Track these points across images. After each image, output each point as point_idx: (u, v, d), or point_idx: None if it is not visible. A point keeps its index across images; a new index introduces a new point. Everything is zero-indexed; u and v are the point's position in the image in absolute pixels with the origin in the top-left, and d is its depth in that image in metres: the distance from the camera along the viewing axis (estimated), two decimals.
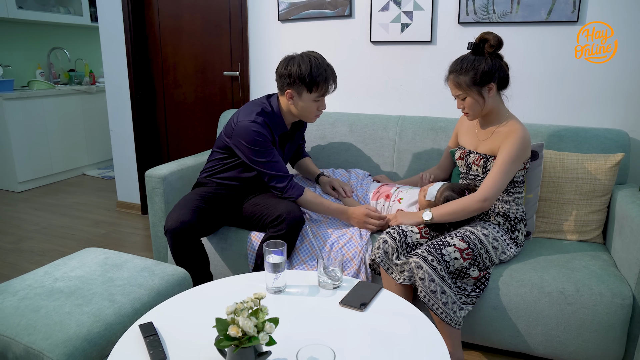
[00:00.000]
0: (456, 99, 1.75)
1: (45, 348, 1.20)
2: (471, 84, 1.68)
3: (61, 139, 4.36)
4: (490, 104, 1.73)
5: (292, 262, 1.90)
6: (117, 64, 3.22)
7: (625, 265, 1.64)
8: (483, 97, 1.70)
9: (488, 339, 1.75)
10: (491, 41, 1.67)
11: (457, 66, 1.70)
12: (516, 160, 1.68)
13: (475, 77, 1.67)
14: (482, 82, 1.68)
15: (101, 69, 4.99)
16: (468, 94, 1.70)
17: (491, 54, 1.69)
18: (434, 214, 1.74)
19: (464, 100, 1.72)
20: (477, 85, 1.68)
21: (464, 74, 1.68)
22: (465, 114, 1.78)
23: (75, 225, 3.24)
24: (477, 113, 1.75)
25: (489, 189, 1.67)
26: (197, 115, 3.14)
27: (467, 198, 1.71)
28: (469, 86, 1.68)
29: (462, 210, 1.71)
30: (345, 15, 2.51)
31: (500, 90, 1.74)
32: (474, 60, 1.68)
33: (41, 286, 1.46)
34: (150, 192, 2.22)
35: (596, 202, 1.90)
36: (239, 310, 0.99)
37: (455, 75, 1.70)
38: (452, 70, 1.73)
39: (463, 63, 1.69)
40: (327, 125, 2.47)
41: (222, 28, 2.89)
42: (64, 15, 4.65)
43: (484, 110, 1.74)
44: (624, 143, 1.98)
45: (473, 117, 1.77)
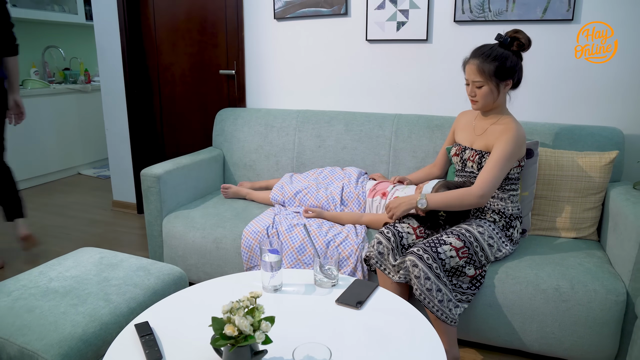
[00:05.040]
0: (470, 85, 1.72)
1: (40, 349, 1.19)
2: (493, 74, 1.66)
3: (56, 138, 4.34)
4: (500, 99, 1.73)
5: (287, 260, 1.91)
6: (112, 62, 3.20)
7: (619, 262, 1.65)
8: (499, 91, 1.70)
9: (484, 336, 1.75)
10: (522, 40, 1.67)
11: (485, 53, 1.67)
12: (510, 157, 1.68)
13: (500, 69, 1.66)
14: (504, 76, 1.67)
15: (96, 68, 4.96)
16: (487, 83, 1.68)
17: (516, 52, 1.69)
18: (429, 200, 1.70)
19: (479, 88, 1.70)
20: (497, 77, 1.67)
21: (491, 62, 1.65)
22: (473, 102, 1.75)
23: (71, 225, 3.23)
24: (488, 104, 1.74)
25: (484, 184, 1.66)
26: (193, 114, 3.13)
27: (464, 190, 1.69)
28: (490, 76, 1.66)
29: (458, 200, 1.69)
30: (341, 13, 2.50)
31: (512, 89, 1.74)
32: (502, 52, 1.66)
33: (36, 286, 1.45)
34: (146, 191, 2.22)
35: (591, 199, 1.91)
36: (235, 309, 0.99)
37: (481, 61, 1.66)
38: (477, 55, 1.69)
39: (492, 51, 1.67)
40: (324, 123, 2.47)
41: (217, 26, 2.88)
42: (59, 14, 4.62)
43: (494, 104, 1.74)
44: (618, 141, 1.99)
45: (480, 107, 1.76)
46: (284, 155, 2.54)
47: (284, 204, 2.22)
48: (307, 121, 2.51)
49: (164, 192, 2.21)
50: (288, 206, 2.20)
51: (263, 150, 2.57)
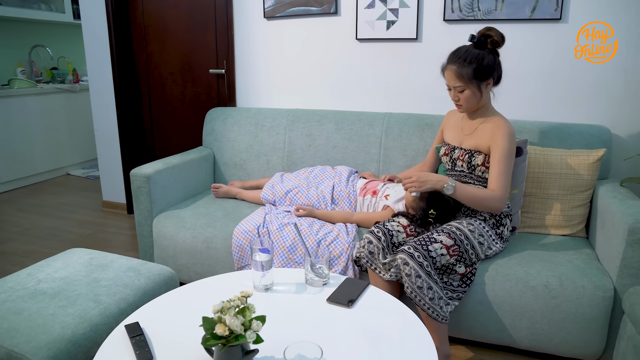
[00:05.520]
0: (452, 90, 1.72)
1: (28, 351, 1.18)
2: (472, 77, 1.66)
3: (44, 139, 4.29)
4: (484, 98, 1.74)
5: (278, 260, 1.90)
6: (101, 62, 3.17)
7: (607, 258, 1.67)
8: (481, 92, 1.70)
9: (474, 333, 1.77)
10: (494, 37, 1.67)
11: (460, 57, 1.67)
12: (510, 153, 1.69)
13: (479, 71, 1.66)
14: (484, 76, 1.67)
15: (85, 67, 4.91)
16: (468, 87, 1.68)
17: (492, 50, 1.70)
18: (457, 189, 1.66)
19: (461, 92, 1.70)
20: (477, 79, 1.67)
21: (468, 66, 1.66)
22: (458, 106, 1.76)
23: (60, 226, 3.19)
24: (472, 106, 1.75)
25: (503, 190, 1.66)
26: (183, 113, 3.12)
27: (491, 194, 1.67)
28: (470, 79, 1.67)
29: (482, 200, 1.67)
30: (331, 12, 2.50)
31: (494, 86, 1.74)
32: (477, 53, 1.66)
33: (24, 288, 1.43)
34: (136, 191, 2.20)
35: (579, 197, 1.93)
36: (226, 309, 0.99)
37: (458, 66, 1.67)
38: (453, 60, 1.69)
39: (467, 55, 1.67)
40: (314, 122, 2.47)
41: (207, 25, 2.87)
42: (46, 12, 4.57)
43: (479, 104, 1.74)
44: (605, 139, 2.02)
45: (466, 110, 1.77)
46: (275, 154, 2.53)
47: (274, 203, 2.21)
48: (297, 120, 2.51)
49: (154, 192, 2.20)
50: (279, 205, 2.20)
51: (253, 150, 2.57)
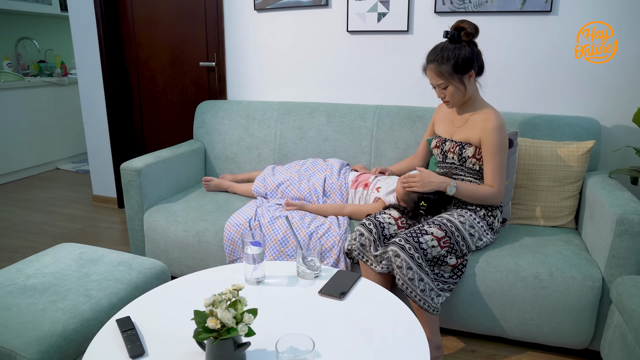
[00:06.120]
0: (436, 88, 1.75)
1: (18, 347, 1.17)
2: (453, 72, 1.68)
3: (32, 133, 4.23)
4: (470, 91, 1.74)
5: (270, 253, 1.90)
6: (89, 54, 3.13)
7: (595, 249, 1.69)
8: (464, 85, 1.71)
9: (465, 324, 1.78)
10: (467, 29, 1.68)
11: (437, 55, 1.69)
12: (502, 146, 1.70)
13: (457, 65, 1.67)
14: (464, 69, 1.68)
15: (73, 60, 4.85)
16: (450, 83, 1.70)
17: (468, 42, 1.70)
18: (458, 188, 1.71)
19: (445, 89, 1.72)
20: (458, 73, 1.68)
21: (446, 63, 1.67)
22: (445, 102, 1.78)
23: (49, 221, 3.17)
24: (459, 101, 1.76)
25: (499, 184, 1.71)
26: (173, 106, 3.09)
27: (490, 191, 1.72)
28: (450, 75, 1.68)
29: (482, 198, 1.73)
30: (322, 4, 2.49)
31: (477, 77, 1.75)
32: (453, 48, 1.68)
33: (13, 284, 1.42)
34: (126, 185, 2.18)
35: (569, 188, 1.95)
36: (217, 302, 0.99)
37: (437, 65, 1.69)
38: (431, 59, 1.71)
39: (443, 52, 1.68)
40: (305, 115, 2.46)
41: (197, 18, 2.84)
42: (32, 4, 4.49)
43: (466, 97, 1.75)
44: (594, 131, 2.03)
45: (453, 105, 1.78)
46: (266, 147, 2.52)
47: (266, 196, 2.21)
48: (288, 113, 2.50)
49: (144, 185, 2.18)
50: (270, 198, 2.19)
51: (244, 143, 2.56)
